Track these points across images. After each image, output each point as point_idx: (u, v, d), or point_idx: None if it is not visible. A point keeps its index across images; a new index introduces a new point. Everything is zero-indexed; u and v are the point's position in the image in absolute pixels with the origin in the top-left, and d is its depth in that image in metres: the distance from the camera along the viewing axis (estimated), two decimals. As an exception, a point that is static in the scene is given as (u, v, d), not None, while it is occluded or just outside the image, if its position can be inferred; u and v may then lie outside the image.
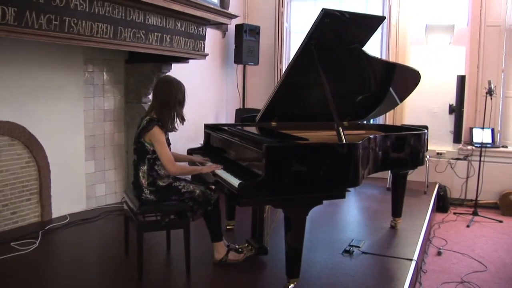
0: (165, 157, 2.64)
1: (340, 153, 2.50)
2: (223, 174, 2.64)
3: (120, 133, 4.21)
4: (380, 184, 5.20)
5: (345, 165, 2.50)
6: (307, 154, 2.42)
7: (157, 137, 2.63)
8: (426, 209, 4.23)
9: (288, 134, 2.97)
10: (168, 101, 2.65)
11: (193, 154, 3.30)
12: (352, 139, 2.69)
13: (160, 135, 2.63)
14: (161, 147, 2.63)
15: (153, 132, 2.62)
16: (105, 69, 4.02)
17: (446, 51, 5.30)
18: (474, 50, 5.14)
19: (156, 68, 4.01)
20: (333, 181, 2.46)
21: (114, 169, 4.18)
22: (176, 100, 2.66)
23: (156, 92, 2.71)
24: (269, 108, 3.10)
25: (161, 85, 2.69)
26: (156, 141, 2.63)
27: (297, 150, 2.42)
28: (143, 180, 2.68)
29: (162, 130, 2.66)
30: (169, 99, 2.65)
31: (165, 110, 2.66)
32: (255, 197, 2.34)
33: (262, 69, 5.98)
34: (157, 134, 2.63)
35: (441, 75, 5.33)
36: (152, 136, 2.63)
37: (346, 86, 3.30)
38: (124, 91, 4.19)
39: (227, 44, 5.77)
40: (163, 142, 2.64)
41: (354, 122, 3.74)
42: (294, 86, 3.05)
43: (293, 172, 2.37)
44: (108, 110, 4.08)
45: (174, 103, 2.65)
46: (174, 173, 2.69)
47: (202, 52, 4.03)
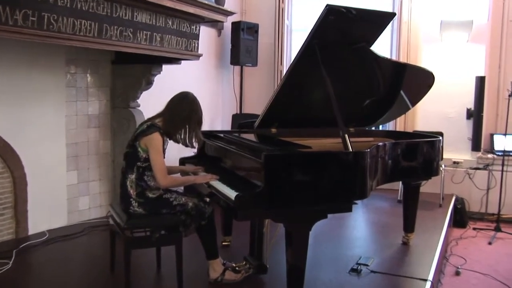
0: (158, 167, 2.69)
1: (346, 162, 2.54)
2: (218, 185, 2.68)
3: (106, 141, 4.25)
4: (390, 196, 5.24)
5: (351, 175, 2.54)
6: (310, 164, 2.46)
7: (155, 143, 2.68)
8: (441, 224, 4.26)
9: (289, 141, 3.01)
10: (189, 118, 2.75)
11: (186, 163, 3.35)
12: (359, 147, 2.73)
13: (158, 142, 2.69)
14: (157, 155, 2.68)
15: (152, 137, 2.68)
16: (89, 70, 4.06)
17: (463, 49, 5.34)
18: (495, 48, 5.16)
19: (145, 69, 4.06)
20: (338, 193, 2.50)
21: (99, 180, 4.22)
22: (196, 119, 2.78)
23: (174, 105, 2.78)
24: (269, 113, 3.15)
25: (182, 100, 2.78)
26: (153, 147, 2.68)
27: (299, 159, 2.46)
28: (131, 190, 2.72)
29: (162, 138, 2.72)
30: (191, 117, 2.75)
31: (180, 125, 2.75)
32: (253, 210, 2.38)
33: (261, 70, 6.04)
34: (156, 140, 2.69)
35: (457, 76, 5.38)
36: (149, 141, 2.68)
37: (352, 89, 3.35)
38: (110, 94, 4.23)
39: (223, 44, 5.83)
40: (159, 150, 2.70)
41: (361, 129, 3.79)
42: (295, 89, 3.10)
43: (294, 183, 2.41)
44: (92, 116, 4.12)
45: (195, 122, 2.77)
46: (166, 186, 2.73)
47: (196, 52, 4.08)
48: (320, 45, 2.80)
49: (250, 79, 6.17)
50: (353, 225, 4.29)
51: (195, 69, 5.11)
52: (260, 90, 6.06)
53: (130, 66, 4.09)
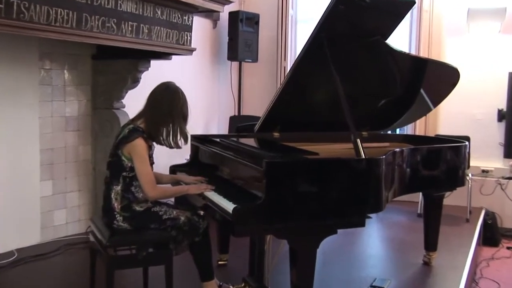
0: (145, 177, 2.73)
1: (358, 170, 2.58)
2: (214, 197, 2.72)
3: (86, 146, 4.28)
4: (409, 209, 5.25)
5: (364, 185, 2.58)
6: (317, 172, 2.49)
7: (139, 150, 2.72)
8: (469, 242, 4.28)
9: (294, 147, 3.05)
10: (170, 113, 2.78)
11: (177, 172, 3.38)
12: (373, 153, 2.78)
13: (142, 148, 2.73)
14: (142, 163, 2.73)
15: (135, 144, 2.72)
16: (66, 66, 4.10)
17: (494, 42, 5.36)
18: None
19: (131, 65, 4.09)
20: (349, 205, 2.54)
21: (78, 191, 4.24)
22: (181, 113, 2.81)
23: (155, 100, 2.82)
24: (271, 115, 3.19)
25: (163, 92, 2.82)
26: (137, 155, 2.72)
27: (305, 167, 2.50)
28: (115, 203, 2.76)
29: (146, 144, 2.76)
30: (171, 110, 2.78)
31: (162, 122, 2.78)
32: (253, 225, 2.41)
33: (262, 67, 6.09)
34: (139, 146, 2.72)
35: (487, 73, 5.39)
36: (132, 148, 2.72)
37: (365, 88, 3.40)
38: (91, 93, 4.27)
39: (219, 37, 5.88)
40: (144, 158, 2.74)
41: (375, 132, 3.85)
42: (301, 89, 3.15)
43: (300, 194, 2.45)
44: (70, 118, 4.15)
45: (179, 116, 2.80)
46: (154, 197, 2.78)
47: (188, 46, 4.12)
48: (328, 38, 2.84)
49: (250, 77, 6.22)
50: (367, 242, 4.33)
51: (188, 65, 5.16)
52: (261, 89, 6.11)
53: (114, 61, 4.13)
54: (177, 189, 2.97)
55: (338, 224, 2.55)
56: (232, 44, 5.64)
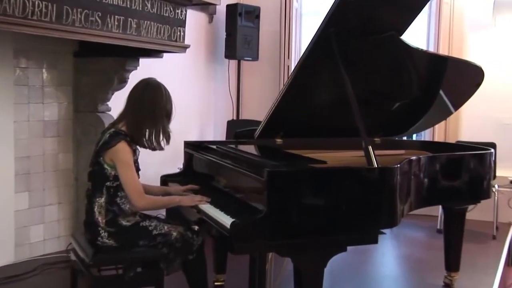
0: (131, 185, 2.75)
1: (370, 180, 2.60)
2: (210, 210, 2.73)
3: (67, 154, 4.29)
4: (428, 223, 5.26)
5: (376, 197, 2.59)
6: (324, 182, 2.51)
7: (122, 156, 2.74)
8: (496, 261, 4.28)
9: (299, 155, 3.07)
10: (153, 112, 2.81)
11: (169, 182, 3.40)
12: (387, 162, 2.79)
13: (126, 153, 2.76)
14: (127, 170, 2.75)
15: (118, 149, 2.74)
16: (45, 64, 4.11)
17: (523, 37, 5.37)
18: None
19: (117, 64, 4.10)
20: (360, 220, 2.56)
21: (58, 204, 4.25)
22: (164, 112, 2.84)
23: (135, 99, 2.86)
24: (273, 119, 3.20)
25: (143, 90, 2.86)
26: (120, 161, 2.74)
27: (311, 177, 2.51)
28: (99, 217, 2.78)
29: (130, 148, 2.79)
30: (154, 109, 2.81)
31: (144, 122, 2.81)
32: (254, 241, 2.41)
33: (263, 66, 6.12)
34: (123, 152, 2.75)
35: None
36: (115, 154, 2.74)
37: (378, 90, 3.41)
38: (73, 95, 4.28)
39: (216, 32, 5.91)
40: (129, 164, 2.76)
41: (389, 139, 3.88)
42: (306, 90, 3.17)
43: (305, 207, 2.46)
44: (49, 122, 4.16)
45: (161, 115, 2.83)
46: (143, 208, 2.80)
47: (181, 42, 4.13)
48: (337, 34, 2.85)
49: (250, 77, 6.24)
50: (380, 261, 4.33)
51: (181, 64, 5.18)
52: (262, 90, 6.13)
53: (98, 59, 4.14)
54: (168, 200, 2.98)
55: (348, 240, 2.56)
56: (230, 41, 5.67)
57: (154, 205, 2.87)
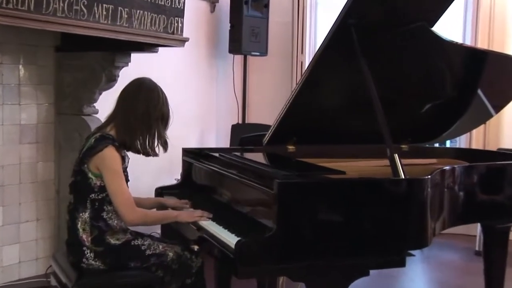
0: (120, 196, 2.76)
1: (396, 194, 2.59)
2: (211, 227, 2.73)
3: (48, 163, 4.29)
4: (464, 244, 5.23)
5: (404, 213, 2.59)
6: (343, 196, 2.51)
7: (110, 162, 2.76)
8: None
9: (314, 164, 3.08)
10: (148, 114, 2.84)
11: (165, 195, 3.40)
12: (416, 172, 2.80)
13: (114, 160, 2.77)
14: (115, 178, 2.76)
15: (104, 155, 2.75)
16: (22, 60, 4.10)
17: None
18: None
19: (105, 60, 4.10)
20: (385, 239, 2.55)
21: (36, 221, 4.24)
22: (159, 114, 2.87)
23: (128, 99, 2.89)
24: (284, 123, 3.19)
25: (137, 90, 2.89)
26: (108, 169, 2.75)
27: (327, 190, 2.51)
28: (83, 235, 2.78)
29: (119, 154, 2.80)
30: (149, 111, 2.84)
31: (137, 125, 2.84)
32: (262, 263, 2.41)
33: (273, 62, 6.12)
34: (110, 158, 2.76)
35: None
36: (101, 161, 2.75)
37: (405, 89, 3.41)
38: (54, 95, 4.28)
39: (218, 23, 5.92)
40: (117, 172, 2.77)
41: (418, 145, 3.86)
42: (323, 90, 3.17)
43: (322, 224, 2.46)
44: (27, 126, 4.15)
45: (156, 118, 2.86)
46: (134, 222, 2.81)
47: (179, 35, 4.13)
48: (358, 26, 2.85)
49: (257, 75, 6.25)
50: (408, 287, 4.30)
51: (178, 59, 5.19)
52: (272, 90, 6.14)
53: (84, 54, 4.13)
54: (164, 214, 2.99)
55: (371, 263, 2.56)
56: (234, 33, 5.68)
57: (147, 220, 2.87)
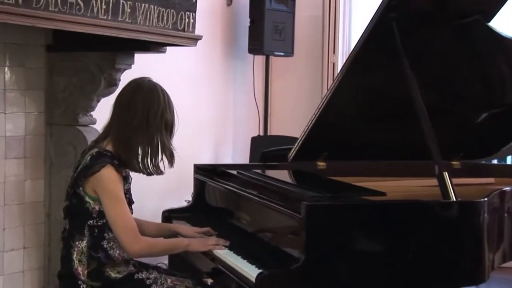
0: (122, 223, 2.76)
1: (446, 219, 2.59)
2: (228, 258, 2.73)
3: (37, 181, 4.30)
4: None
5: (455, 242, 2.58)
6: (383, 221, 2.51)
7: (108, 185, 2.76)
8: None
9: (348, 183, 3.07)
10: (147, 121, 2.81)
11: (174, 219, 3.42)
12: (469, 194, 2.79)
13: (113, 182, 2.77)
14: (115, 203, 2.76)
15: (102, 176, 2.75)
16: (8, 61, 4.11)
17: None
18: None
19: (105, 61, 4.10)
20: (433, 273, 2.53)
21: (23, 249, 4.25)
22: (162, 121, 2.84)
23: (122, 106, 2.89)
24: (313, 135, 3.21)
25: (133, 93, 2.88)
26: (106, 192, 2.76)
27: (364, 214, 2.52)
28: (79, 267, 2.78)
29: (119, 174, 2.80)
30: (148, 117, 2.82)
31: (135, 136, 2.82)
32: (287, 300, 2.43)
33: (300, 63, 6.11)
34: (109, 179, 2.76)
35: None
36: (99, 183, 2.76)
37: (456, 95, 3.41)
38: (45, 102, 4.29)
39: (236, 19, 5.94)
40: (117, 195, 2.77)
41: (473, 162, 3.85)
42: (358, 96, 3.19)
43: (356, 255, 2.46)
44: (13, 139, 4.16)
45: (159, 125, 2.83)
46: (138, 253, 2.81)
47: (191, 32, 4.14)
48: (400, 20, 2.86)
49: (282, 79, 6.25)
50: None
51: (190, 61, 5.20)
52: (298, 96, 6.13)
53: (80, 55, 4.13)
54: (173, 243, 2.99)
55: (417, 300, 2.57)
56: (255, 30, 5.68)
57: (153, 250, 2.89)
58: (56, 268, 2.97)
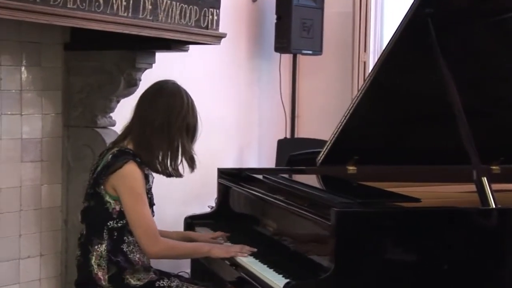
0: (143, 223, 2.77)
1: (485, 227, 2.56)
2: (253, 266, 2.72)
3: (54, 185, 4.32)
4: None
5: (495, 252, 2.55)
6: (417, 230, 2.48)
7: (130, 182, 2.77)
8: None
9: (380, 189, 3.05)
10: (168, 124, 2.84)
11: (197, 226, 3.42)
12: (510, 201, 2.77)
13: (136, 179, 2.78)
14: (136, 202, 2.77)
15: (124, 173, 2.76)
16: (24, 61, 4.14)
17: None
18: None
19: (125, 60, 4.11)
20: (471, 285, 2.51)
21: (40, 256, 4.27)
22: (183, 125, 2.86)
23: (145, 107, 2.91)
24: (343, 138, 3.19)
25: (156, 95, 2.92)
26: (127, 190, 2.77)
27: (397, 221, 2.49)
28: (99, 272, 2.79)
29: (141, 171, 2.81)
30: (170, 120, 2.84)
31: (156, 138, 2.84)
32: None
33: (329, 62, 6.09)
34: (131, 177, 2.77)
35: None
36: (120, 181, 2.77)
37: (496, 96, 3.36)
38: (62, 104, 4.32)
39: (262, 15, 5.94)
40: (139, 194, 2.78)
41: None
42: (391, 97, 3.16)
43: (389, 264, 2.44)
44: (29, 141, 4.18)
45: (179, 129, 2.85)
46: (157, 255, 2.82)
47: (215, 30, 4.14)
48: (436, 17, 2.83)
49: (310, 78, 6.24)
50: None
51: (213, 60, 5.21)
52: (327, 97, 6.11)
53: (98, 54, 4.15)
54: (194, 247, 2.99)
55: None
56: (281, 27, 5.67)
57: (173, 253, 2.89)
58: (73, 276, 2.98)
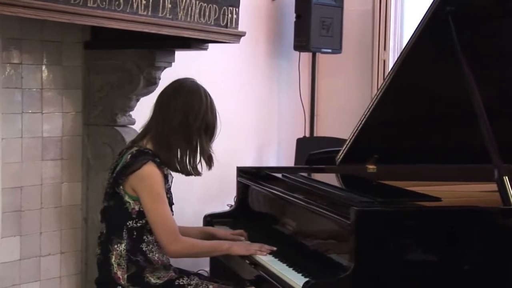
0: (163, 223, 2.80)
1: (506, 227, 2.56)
2: (273, 265, 2.74)
3: (74, 184, 4.34)
4: None
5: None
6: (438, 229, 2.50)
7: (150, 183, 2.80)
8: None
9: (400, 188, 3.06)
10: (187, 123, 2.87)
11: (216, 224, 3.44)
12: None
13: (155, 180, 2.81)
14: (156, 202, 2.80)
15: (144, 174, 2.79)
16: (44, 60, 4.15)
17: None
18: None
19: (144, 59, 4.12)
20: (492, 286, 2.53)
21: (60, 254, 4.29)
22: (202, 124, 2.89)
23: (163, 106, 2.94)
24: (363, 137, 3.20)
25: (175, 94, 2.94)
26: (147, 191, 2.80)
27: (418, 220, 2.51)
28: (118, 271, 2.82)
29: (161, 172, 2.84)
30: (188, 119, 2.87)
31: (174, 138, 2.87)
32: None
33: (349, 61, 6.09)
34: (150, 177, 2.80)
35: None
36: (140, 181, 2.80)
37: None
38: (82, 102, 4.33)
39: (281, 14, 5.94)
40: (159, 194, 2.81)
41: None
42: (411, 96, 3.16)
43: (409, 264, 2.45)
44: (50, 139, 4.20)
45: (199, 127, 2.88)
46: (177, 253, 2.85)
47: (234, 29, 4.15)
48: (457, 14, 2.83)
49: (329, 77, 6.24)
50: None
51: (232, 58, 5.22)
52: (347, 95, 6.11)
53: (118, 53, 4.16)
54: (213, 245, 3.02)
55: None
56: (301, 26, 5.67)
57: (193, 251, 2.92)
58: (94, 274, 3.00)
